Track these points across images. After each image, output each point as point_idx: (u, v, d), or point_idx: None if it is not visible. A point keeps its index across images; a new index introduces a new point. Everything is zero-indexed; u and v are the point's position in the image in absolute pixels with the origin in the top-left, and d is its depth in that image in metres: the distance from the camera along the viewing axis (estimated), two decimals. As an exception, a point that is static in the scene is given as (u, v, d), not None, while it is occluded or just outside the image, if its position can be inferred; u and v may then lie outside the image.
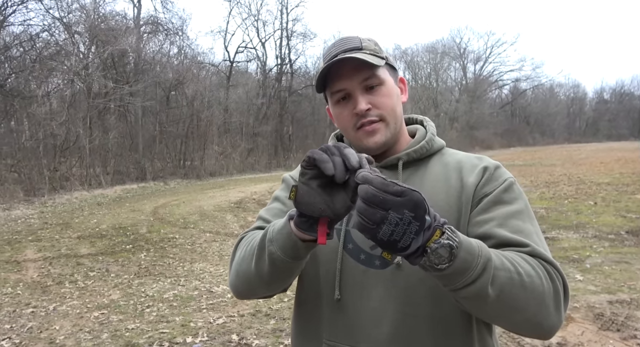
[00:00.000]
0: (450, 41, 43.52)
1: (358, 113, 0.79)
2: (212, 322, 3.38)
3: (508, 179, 0.80)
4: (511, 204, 0.77)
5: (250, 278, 0.77)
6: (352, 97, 0.80)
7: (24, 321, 3.52)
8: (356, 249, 0.79)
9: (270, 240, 0.71)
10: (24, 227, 7.90)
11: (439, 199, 0.79)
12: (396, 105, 0.83)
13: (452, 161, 0.85)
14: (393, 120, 0.82)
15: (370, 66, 0.78)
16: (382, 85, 0.81)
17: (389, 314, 0.76)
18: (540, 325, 0.66)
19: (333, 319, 0.80)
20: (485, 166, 0.82)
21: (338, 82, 0.80)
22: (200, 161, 18.53)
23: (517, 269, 0.65)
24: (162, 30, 19.07)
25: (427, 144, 0.86)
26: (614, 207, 7.37)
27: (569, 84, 54.77)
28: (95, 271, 4.94)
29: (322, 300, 0.82)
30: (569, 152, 25.41)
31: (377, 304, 0.77)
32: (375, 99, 0.80)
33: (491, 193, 0.78)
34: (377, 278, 0.77)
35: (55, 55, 13.67)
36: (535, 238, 0.74)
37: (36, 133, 12.61)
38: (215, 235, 6.77)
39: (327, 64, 0.78)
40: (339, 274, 0.79)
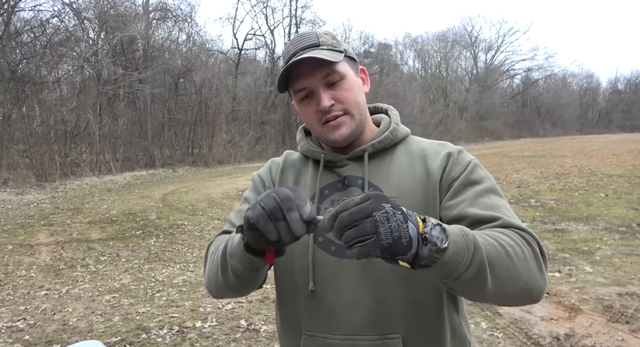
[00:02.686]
0: (461, 29, 42.78)
1: (322, 110, 0.81)
2: (221, 307, 3.43)
3: (472, 161, 0.83)
4: (478, 184, 0.80)
5: (220, 285, 0.81)
6: (314, 94, 0.82)
7: (38, 302, 3.60)
8: (326, 242, 0.81)
9: (230, 255, 0.74)
10: (37, 211, 8.04)
11: (406, 188, 0.81)
12: (358, 97, 0.84)
13: (416, 150, 0.86)
14: (357, 112, 0.83)
15: (329, 63, 0.79)
16: (343, 79, 0.82)
17: (363, 301, 0.78)
18: (531, 290, 0.68)
19: (309, 310, 0.83)
20: (449, 152, 0.84)
21: (299, 81, 0.81)
22: (209, 149, 18.61)
23: (499, 241, 0.67)
24: (170, 17, 19.00)
25: (391, 134, 0.87)
26: (626, 200, 7.27)
27: (582, 74, 53.70)
28: (106, 255, 5.02)
29: (298, 292, 0.84)
30: (581, 144, 25.05)
31: (350, 293, 0.79)
32: (338, 94, 0.81)
33: (459, 177, 0.80)
34: (350, 267, 0.79)
35: (65, 41, 13.72)
36: (505, 211, 0.76)
37: (47, 119, 12.74)
38: (224, 222, 6.82)
39: (287, 66, 0.79)
40: (312, 266, 0.81)
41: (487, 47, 43.02)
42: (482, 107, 38.01)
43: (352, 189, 0.83)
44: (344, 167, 0.86)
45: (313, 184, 0.88)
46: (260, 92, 22.74)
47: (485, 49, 43.11)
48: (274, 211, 0.60)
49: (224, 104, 19.69)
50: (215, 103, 18.90)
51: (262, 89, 22.82)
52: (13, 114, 12.66)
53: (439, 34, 40.73)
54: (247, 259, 0.71)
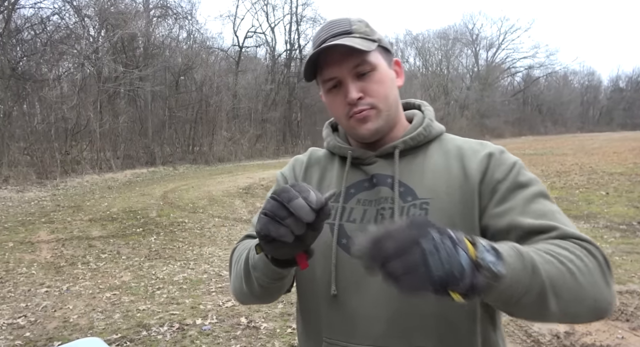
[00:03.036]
0: (462, 27, 42.67)
1: (349, 102, 0.76)
2: (221, 305, 3.43)
3: (516, 162, 0.77)
4: (527, 187, 0.73)
5: (246, 295, 0.78)
6: (342, 85, 0.77)
7: (39, 300, 3.61)
8: (351, 244, 0.76)
9: (253, 267, 0.71)
10: (37, 209, 8.05)
11: (440, 189, 0.75)
12: (390, 91, 0.79)
13: (452, 148, 0.80)
14: (386, 108, 0.78)
15: (360, 52, 0.73)
16: (374, 71, 0.76)
17: (388, 310, 0.73)
18: (599, 307, 0.62)
19: (331, 316, 0.78)
20: (490, 152, 0.77)
21: (328, 70, 0.76)
22: (209, 147, 18.61)
23: (559, 258, 0.61)
24: (171, 14, 18.97)
25: (424, 130, 0.81)
26: (627, 198, 7.26)
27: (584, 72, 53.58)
28: (107, 253, 5.03)
29: (320, 297, 0.79)
30: (582, 142, 25.01)
31: (374, 300, 0.73)
32: (367, 86, 0.76)
33: (504, 180, 0.74)
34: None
35: (65, 38, 13.70)
36: (560, 218, 0.70)
37: (48, 117, 12.75)
38: (224, 220, 6.84)
39: (314, 52, 0.74)
40: (334, 269, 0.76)
41: (488, 45, 42.95)
42: (483, 105, 37.96)
43: (381, 188, 0.78)
44: (373, 165, 0.81)
45: (339, 182, 0.82)
46: (260, 90, 22.73)
47: (487, 46, 43.04)
48: (276, 210, 0.56)
49: (225, 102, 19.68)
50: (216, 101, 18.89)
51: (263, 86, 22.80)
52: (14, 112, 12.66)
53: (440, 31, 40.63)
54: (271, 271, 0.68)
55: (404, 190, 0.76)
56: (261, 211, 0.58)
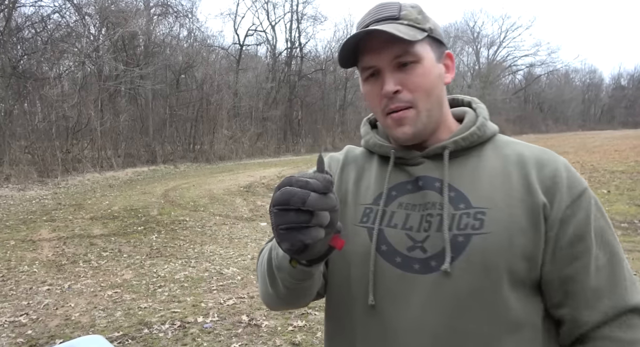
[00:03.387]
0: (463, 25, 42.61)
1: (385, 95, 0.69)
2: (223, 303, 3.44)
3: (587, 191, 0.68)
4: (598, 231, 0.67)
5: (274, 300, 0.73)
6: (380, 75, 0.70)
7: (41, 298, 3.62)
8: (391, 251, 0.69)
9: (278, 267, 0.66)
10: (39, 207, 8.06)
11: (499, 199, 0.66)
12: (434, 88, 0.70)
13: (511, 153, 0.71)
14: (426, 107, 0.69)
15: (404, 41, 0.66)
16: (418, 63, 0.68)
17: (431, 326, 0.65)
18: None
19: (366, 328, 0.71)
20: (557, 168, 0.68)
21: (366, 57, 0.70)
22: (210, 145, 18.61)
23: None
24: (172, 13, 18.94)
25: (478, 130, 0.73)
26: (628, 196, 7.25)
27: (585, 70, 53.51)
28: (108, 251, 5.03)
29: (355, 306, 0.72)
30: (583, 140, 24.97)
31: (416, 314, 0.66)
32: (408, 79, 0.68)
33: (574, 214, 0.66)
34: (417, 284, 0.67)
35: (66, 37, 13.70)
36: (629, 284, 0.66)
37: (49, 115, 12.75)
38: (225, 218, 6.84)
39: (351, 37, 0.67)
40: (373, 277, 0.69)
41: (489, 43, 42.85)
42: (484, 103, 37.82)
43: (427, 192, 0.70)
44: (418, 166, 0.73)
45: (379, 183, 0.75)
46: (261, 88, 22.71)
47: (488, 44, 42.94)
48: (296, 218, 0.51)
49: (225, 100, 19.67)
50: (217, 99, 18.88)
51: (264, 85, 22.78)
52: (15, 110, 12.67)
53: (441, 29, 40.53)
54: (296, 271, 0.62)
55: (455, 195, 0.68)
56: (280, 227, 0.52)
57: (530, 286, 0.66)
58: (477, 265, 0.64)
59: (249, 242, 5.37)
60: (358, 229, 0.72)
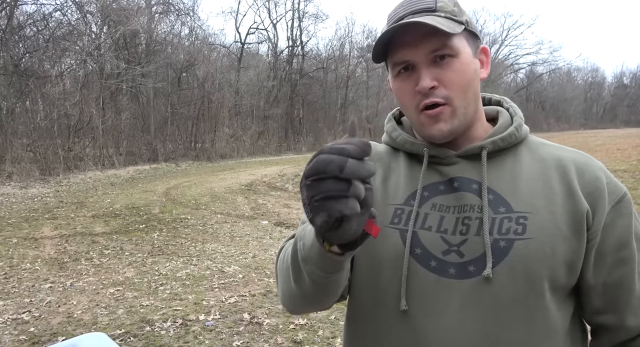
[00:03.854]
0: (465, 23, 42.44)
1: (420, 91, 0.65)
2: (224, 301, 3.44)
3: (625, 192, 0.67)
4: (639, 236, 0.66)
5: (297, 299, 0.68)
6: (415, 70, 0.66)
7: (43, 295, 3.63)
8: (425, 255, 0.66)
9: (304, 260, 0.60)
10: (41, 205, 8.09)
11: (539, 204, 0.64)
12: (470, 84, 0.67)
13: (548, 157, 0.69)
14: (462, 104, 0.67)
15: (443, 34, 0.62)
16: (455, 57, 0.65)
17: (467, 334, 0.63)
18: None
19: (397, 334, 0.67)
20: (599, 176, 0.67)
21: (401, 51, 0.66)
22: (211, 143, 18.62)
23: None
24: (173, 11, 18.95)
25: (516, 131, 0.70)
26: (631, 195, 7.23)
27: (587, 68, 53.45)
28: (110, 249, 5.05)
29: (384, 311, 0.69)
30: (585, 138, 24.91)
31: (452, 321, 0.64)
32: (445, 75, 0.65)
33: (617, 220, 0.65)
34: (452, 290, 0.64)
35: (67, 35, 13.71)
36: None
37: (50, 113, 12.77)
38: (227, 216, 6.85)
39: (388, 30, 0.64)
40: (405, 281, 0.66)
41: (491, 41, 42.71)
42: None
43: (464, 194, 0.67)
44: (452, 166, 0.69)
45: (409, 182, 0.71)
46: (262, 87, 22.70)
47: (490, 42, 42.79)
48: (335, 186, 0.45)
49: (227, 99, 19.68)
50: (218, 97, 18.89)
51: (265, 83, 22.77)
52: (17, 108, 12.69)
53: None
54: (326, 260, 0.57)
55: (494, 198, 0.66)
56: (315, 198, 0.46)
57: (567, 291, 0.66)
58: (519, 271, 0.62)
59: (250, 240, 5.37)
60: (389, 230, 0.69)
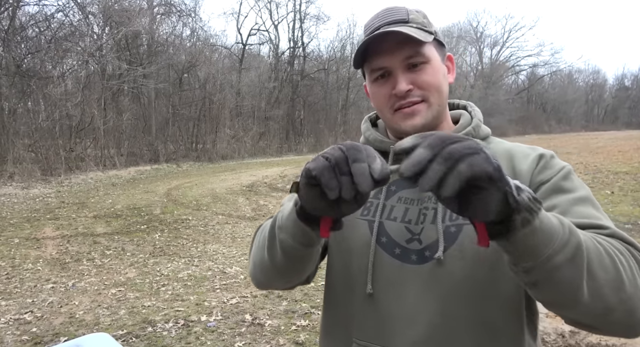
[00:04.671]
0: (466, 25, 42.53)
1: (397, 94, 0.72)
2: (226, 302, 3.45)
3: (566, 166, 0.73)
4: (572, 192, 0.69)
5: (266, 268, 0.73)
6: (391, 75, 0.73)
7: (45, 295, 3.63)
8: (390, 243, 0.73)
9: (280, 227, 0.66)
10: (42, 205, 8.09)
11: None
12: (442, 86, 0.75)
13: (500, 150, 0.76)
14: (437, 102, 0.74)
15: (416, 42, 0.70)
16: (427, 64, 0.72)
17: (426, 314, 0.69)
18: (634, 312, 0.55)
19: (364, 317, 0.74)
20: (541, 154, 0.74)
21: (378, 58, 0.72)
22: (212, 144, 18.63)
23: (599, 241, 0.56)
24: (175, 12, 18.97)
25: (473, 131, 0.77)
26: (632, 197, 7.22)
27: (589, 70, 53.30)
28: (112, 249, 5.05)
29: (353, 295, 0.76)
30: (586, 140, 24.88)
31: (413, 302, 0.70)
32: (419, 79, 0.72)
33: (548, 181, 0.70)
34: (414, 274, 0.70)
35: (69, 36, 13.73)
36: (609, 223, 0.65)
37: (52, 114, 12.79)
38: (228, 217, 6.85)
39: (367, 39, 0.70)
40: (372, 267, 0.72)
41: (492, 43, 42.74)
42: (486, 104, 37.78)
43: None
44: None
45: None
46: (264, 88, 22.72)
47: (491, 44, 42.83)
48: (340, 161, 0.49)
49: (228, 100, 19.69)
50: (219, 98, 18.90)
51: (266, 84, 22.79)
52: (19, 109, 12.71)
53: (444, 29, 40.44)
54: (299, 230, 0.61)
55: None
56: (322, 154, 0.51)
57: None
58: (468, 252, 0.67)
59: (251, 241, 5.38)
60: (359, 221, 0.76)
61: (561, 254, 0.51)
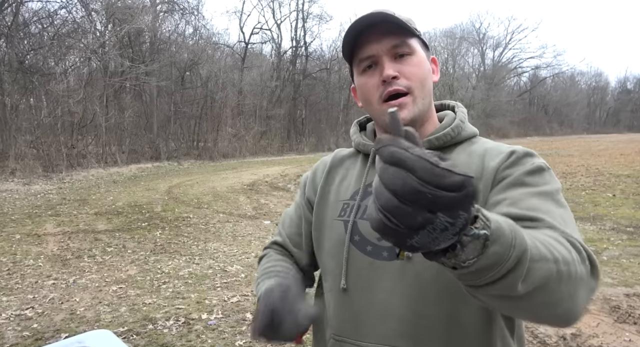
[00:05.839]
0: (469, 26, 42.43)
1: (385, 79, 0.73)
2: (227, 300, 3.44)
3: (538, 163, 0.70)
4: (534, 187, 0.66)
5: None
6: (378, 64, 0.74)
7: (46, 292, 3.63)
8: (363, 241, 0.75)
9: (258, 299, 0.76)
10: (44, 202, 8.10)
11: None
12: (427, 79, 0.76)
13: (478, 149, 0.76)
14: (421, 95, 0.75)
15: (402, 32, 0.73)
16: (413, 55, 0.75)
17: (397, 310, 0.71)
18: (567, 319, 0.55)
19: (340, 312, 0.77)
20: (514, 151, 0.72)
21: (365, 48, 0.74)
22: (214, 142, 18.64)
23: (555, 255, 0.51)
24: (177, 10, 18.98)
25: (452, 131, 0.77)
26: (634, 200, 7.21)
27: (591, 73, 53.20)
28: (113, 246, 5.05)
29: (331, 292, 0.80)
30: (588, 143, 24.85)
31: (383, 298, 0.72)
32: (404, 68, 0.74)
33: (511, 175, 0.69)
34: (384, 271, 0.72)
35: (72, 32, 13.74)
36: (558, 218, 0.61)
37: (54, 110, 12.80)
38: (229, 216, 6.85)
39: (355, 22, 0.72)
40: (345, 263, 0.76)
41: (495, 44, 42.66)
42: (488, 105, 37.74)
43: None
44: None
45: (358, 180, 0.81)
46: (266, 87, 22.71)
47: (493, 46, 42.76)
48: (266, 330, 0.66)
49: (230, 98, 19.69)
50: (221, 97, 18.91)
51: (268, 83, 22.78)
52: (21, 105, 12.73)
53: (446, 30, 40.43)
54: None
55: None
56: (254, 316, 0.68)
57: None
58: None
59: (252, 240, 5.37)
60: (336, 222, 0.80)
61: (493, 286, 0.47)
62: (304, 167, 14.09)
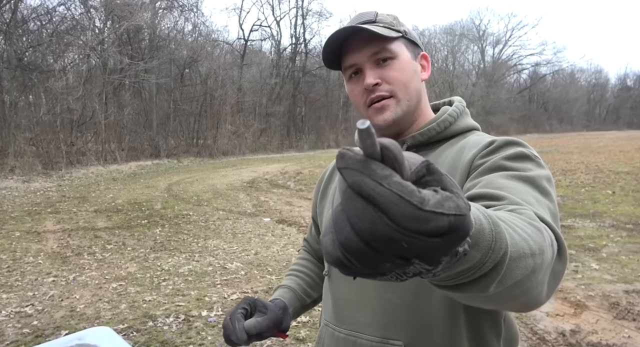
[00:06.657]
0: (469, 23, 42.35)
1: (366, 88, 0.75)
2: (227, 297, 3.45)
3: (521, 150, 0.66)
4: (513, 170, 0.63)
5: None
6: (362, 72, 0.77)
7: (46, 289, 3.64)
8: None
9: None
10: (43, 199, 8.10)
11: None
12: (410, 81, 0.76)
13: (467, 143, 0.74)
14: (405, 97, 0.76)
15: (380, 39, 0.74)
16: (395, 59, 0.75)
17: (369, 299, 0.74)
18: (530, 307, 0.51)
19: (325, 295, 0.85)
20: (493, 140, 0.70)
21: (348, 56, 0.77)
22: (213, 140, 18.62)
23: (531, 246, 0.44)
24: (177, 7, 18.91)
25: (437, 126, 0.77)
26: (633, 197, 7.21)
27: (591, 70, 53.19)
28: (112, 244, 5.05)
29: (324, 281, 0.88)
30: (587, 140, 24.85)
31: (359, 287, 0.75)
32: (386, 74, 0.75)
33: (487, 161, 0.67)
34: None
35: (71, 29, 13.70)
36: (528, 197, 0.57)
37: (53, 107, 12.78)
38: (229, 213, 6.85)
39: (331, 35, 0.74)
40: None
41: (494, 41, 42.59)
42: (488, 102, 37.71)
43: None
44: None
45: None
46: (265, 84, 22.67)
47: (493, 43, 42.69)
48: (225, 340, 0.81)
49: (229, 95, 19.66)
50: (221, 94, 18.87)
51: (268, 80, 22.74)
52: (20, 102, 12.70)
53: (446, 27, 40.36)
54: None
55: None
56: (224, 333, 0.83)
57: None
58: None
59: (252, 237, 5.38)
60: (327, 212, 0.88)
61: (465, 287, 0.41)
62: (304, 165, 14.08)
